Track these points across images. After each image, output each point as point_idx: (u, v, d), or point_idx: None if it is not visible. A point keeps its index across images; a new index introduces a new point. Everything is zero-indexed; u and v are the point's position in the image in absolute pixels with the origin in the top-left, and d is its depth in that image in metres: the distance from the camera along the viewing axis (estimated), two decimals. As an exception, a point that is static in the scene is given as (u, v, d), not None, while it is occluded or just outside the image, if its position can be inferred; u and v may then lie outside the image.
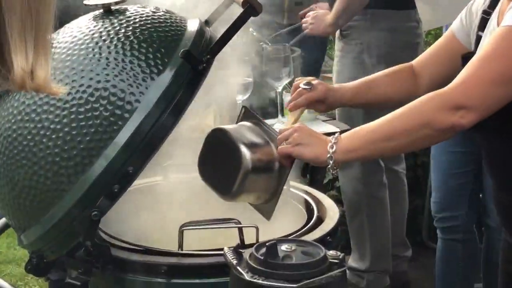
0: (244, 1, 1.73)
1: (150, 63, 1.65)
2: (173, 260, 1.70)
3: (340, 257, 1.16)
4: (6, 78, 1.00)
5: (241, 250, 1.17)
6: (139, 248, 1.76)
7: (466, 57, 1.76)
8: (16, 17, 0.98)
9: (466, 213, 3.09)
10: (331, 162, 1.67)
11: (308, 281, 1.10)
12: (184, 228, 1.73)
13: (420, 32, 3.49)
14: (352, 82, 2.05)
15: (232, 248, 1.17)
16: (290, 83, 2.83)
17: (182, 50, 1.67)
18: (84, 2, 1.79)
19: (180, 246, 1.73)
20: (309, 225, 1.89)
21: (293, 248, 1.17)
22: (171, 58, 1.67)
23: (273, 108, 2.86)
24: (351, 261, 3.62)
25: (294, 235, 1.83)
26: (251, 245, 1.71)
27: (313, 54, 4.13)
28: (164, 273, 1.68)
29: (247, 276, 1.11)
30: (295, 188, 2.15)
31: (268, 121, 2.85)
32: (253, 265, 1.13)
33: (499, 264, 3.18)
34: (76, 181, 1.60)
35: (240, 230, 1.74)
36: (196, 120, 2.51)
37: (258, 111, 2.82)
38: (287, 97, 2.86)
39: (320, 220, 1.94)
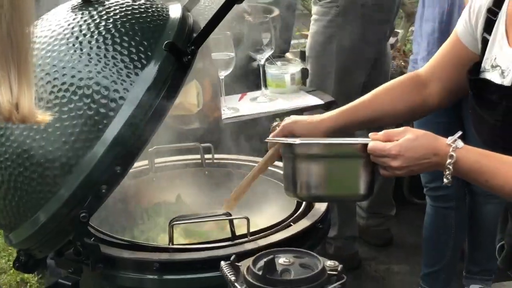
0: (228, -11, 1.68)
1: (133, 57, 1.60)
2: (164, 256, 1.68)
3: (339, 268, 1.14)
4: None
5: (238, 264, 1.15)
6: (129, 244, 1.73)
7: (472, 69, 1.72)
8: None
9: (457, 181, 3.09)
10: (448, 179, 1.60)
11: (308, 297, 1.08)
12: (174, 223, 1.71)
13: None
14: (340, 109, 1.93)
15: (229, 263, 1.15)
16: (273, 55, 2.79)
17: (165, 42, 1.62)
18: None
19: (171, 240, 1.70)
20: (298, 212, 1.87)
21: (291, 260, 1.15)
22: (154, 51, 1.62)
23: (257, 80, 2.82)
24: None
25: (285, 223, 1.81)
26: (243, 236, 1.72)
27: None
28: (156, 269, 1.65)
29: (245, 293, 1.09)
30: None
31: (252, 93, 2.85)
32: (252, 281, 1.11)
33: (483, 227, 3.23)
34: (63, 182, 1.56)
35: (231, 222, 1.72)
36: (179, 99, 2.48)
37: (242, 84, 2.79)
38: (270, 69, 2.84)
39: (309, 206, 1.92)
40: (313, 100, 2.74)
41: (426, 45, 2.87)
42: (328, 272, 1.14)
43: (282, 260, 1.14)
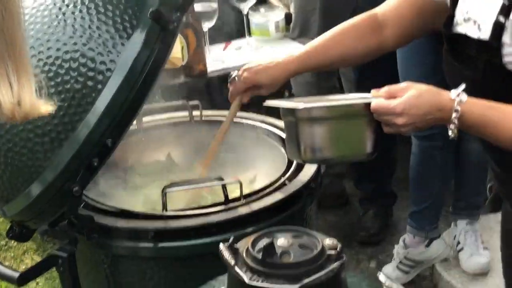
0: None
1: (118, 27, 1.57)
2: (159, 224, 1.69)
3: (338, 248, 1.15)
4: None
5: (236, 247, 1.15)
6: (123, 213, 1.74)
7: (446, 23, 1.71)
8: None
9: None
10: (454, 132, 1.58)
11: (308, 280, 1.09)
12: (168, 190, 1.71)
13: None
14: (300, 51, 1.89)
15: (228, 245, 1.15)
16: (256, 4, 2.75)
17: (150, 11, 1.59)
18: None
19: (164, 207, 1.71)
20: (290, 171, 1.88)
21: (289, 241, 1.16)
22: (139, 19, 1.59)
23: (241, 29, 2.79)
24: None
25: (277, 184, 1.82)
26: (236, 199, 1.73)
27: None
28: (151, 238, 1.67)
29: (246, 278, 1.10)
30: (271, 124, 2.12)
31: (236, 41, 2.82)
32: (252, 265, 1.12)
33: (469, 164, 3.26)
34: (54, 156, 1.55)
35: (224, 186, 1.73)
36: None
37: (226, 34, 2.76)
38: (253, 18, 2.80)
39: (300, 164, 1.92)
40: (298, 47, 2.70)
41: None
42: (328, 251, 1.15)
43: (281, 241, 1.15)
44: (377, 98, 1.61)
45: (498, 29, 1.56)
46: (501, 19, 1.55)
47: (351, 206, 3.89)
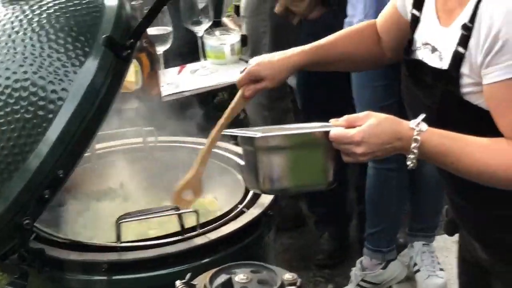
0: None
1: (70, 55, 1.54)
2: (113, 256, 1.64)
3: (298, 283, 1.12)
4: None
5: (193, 283, 1.12)
6: (76, 245, 1.69)
7: (406, 48, 1.72)
8: None
9: None
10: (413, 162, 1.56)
11: (268, 317, 1.06)
12: (121, 221, 1.66)
13: None
14: (306, 46, 1.88)
15: (184, 282, 1.12)
16: (211, 27, 2.73)
17: (103, 37, 1.56)
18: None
19: (118, 239, 1.66)
20: (247, 200, 1.85)
21: (248, 277, 1.13)
22: (92, 46, 1.56)
23: (196, 52, 2.76)
24: None
25: (234, 212, 1.79)
26: (192, 229, 1.69)
27: None
28: (105, 270, 1.62)
29: (203, 317, 1.07)
30: (228, 151, 2.10)
31: (191, 65, 2.79)
32: (209, 303, 1.09)
33: (424, 186, 3.27)
34: (3, 188, 1.50)
35: (180, 216, 1.69)
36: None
37: (181, 58, 2.73)
38: (208, 40, 2.78)
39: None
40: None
41: (363, 8, 2.84)
42: (287, 287, 1.12)
43: (239, 277, 1.12)
44: (336, 126, 1.59)
45: (458, 59, 1.56)
46: (461, 49, 1.55)
47: (308, 227, 3.87)
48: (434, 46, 1.65)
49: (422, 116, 1.58)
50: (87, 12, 1.61)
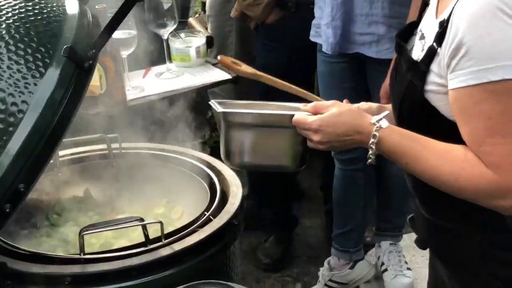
0: (129, -14, 1.60)
1: (30, 66, 1.50)
2: (76, 269, 1.62)
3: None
4: None
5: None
6: (39, 257, 1.66)
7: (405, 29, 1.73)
8: None
9: None
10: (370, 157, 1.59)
11: None
12: (85, 232, 1.64)
13: None
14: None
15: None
16: (177, 28, 2.71)
17: (64, 48, 1.53)
18: None
19: (82, 251, 1.64)
20: (213, 208, 1.83)
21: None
22: (53, 57, 1.53)
23: (162, 55, 2.74)
24: None
25: (199, 222, 1.78)
26: (156, 239, 1.68)
27: None
28: (68, 283, 1.60)
29: None
30: (194, 158, 2.08)
31: (156, 67, 2.77)
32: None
33: (390, 186, 3.28)
34: (-38, 203, 1.47)
35: (144, 227, 1.67)
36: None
37: (146, 61, 2.71)
38: (174, 43, 2.75)
39: (223, 198, 1.89)
40: (219, 74, 2.68)
41: (330, 11, 2.84)
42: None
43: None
44: (304, 111, 1.63)
45: (431, 54, 1.55)
46: (435, 46, 1.54)
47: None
48: (423, 33, 1.65)
49: (385, 113, 1.59)
50: (47, 21, 1.58)
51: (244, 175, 3.51)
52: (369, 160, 1.59)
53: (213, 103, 1.76)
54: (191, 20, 3.28)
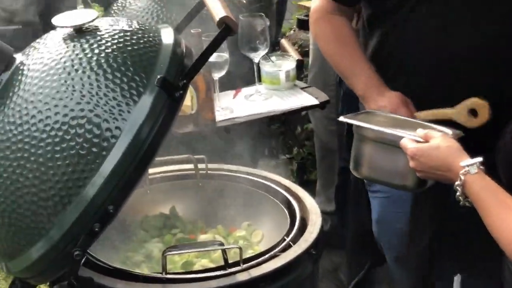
0: (220, 21, 1.67)
1: (125, 94, 1.59)
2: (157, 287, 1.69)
3: None
4: None
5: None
6: (123, 274, 1.75)
7: None
8: None
9: None
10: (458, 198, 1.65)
11: None
12: (168, 253, 1.72)
13: None
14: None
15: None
16: (267, 53, 2.76)
17: (157, 78, 1.61)
18: (53, 22, 1.71)
19: (164, 270, 1.72)
20: (292, 234, 1.88)
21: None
22: (146, 86, 1.61)
23: (252, 77, 2.80)
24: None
25: (278, 248, 1.83)
26: (235, 264, 1.74)
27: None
28: (150, 301, 1.68)
29: None
30: (277, 183, 2.14)
31: (246, 89, 2.83)
32: None
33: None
34: (56, 220, 1.57)
35: (224, 251, 1.74)
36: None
37: (236, 81, 2.78)
38: (264, 66, 2.81)
39: (303, 225, 1.93)
40: (308, 99, 2.72)
41: None
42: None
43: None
44: (418, 136, 1.73)
45: None
46: None
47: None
48: None
49: (479, 159, 1.60)
50: (144, 52, 1.66)
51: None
52: (461, 203, 1.62)
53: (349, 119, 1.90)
54: (283, 41, 3.32)
